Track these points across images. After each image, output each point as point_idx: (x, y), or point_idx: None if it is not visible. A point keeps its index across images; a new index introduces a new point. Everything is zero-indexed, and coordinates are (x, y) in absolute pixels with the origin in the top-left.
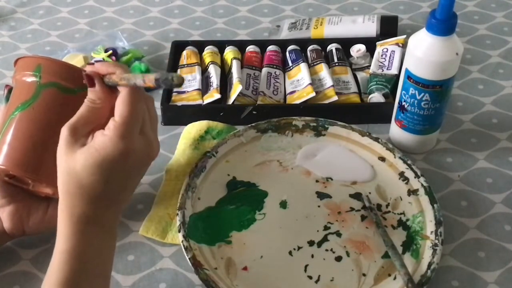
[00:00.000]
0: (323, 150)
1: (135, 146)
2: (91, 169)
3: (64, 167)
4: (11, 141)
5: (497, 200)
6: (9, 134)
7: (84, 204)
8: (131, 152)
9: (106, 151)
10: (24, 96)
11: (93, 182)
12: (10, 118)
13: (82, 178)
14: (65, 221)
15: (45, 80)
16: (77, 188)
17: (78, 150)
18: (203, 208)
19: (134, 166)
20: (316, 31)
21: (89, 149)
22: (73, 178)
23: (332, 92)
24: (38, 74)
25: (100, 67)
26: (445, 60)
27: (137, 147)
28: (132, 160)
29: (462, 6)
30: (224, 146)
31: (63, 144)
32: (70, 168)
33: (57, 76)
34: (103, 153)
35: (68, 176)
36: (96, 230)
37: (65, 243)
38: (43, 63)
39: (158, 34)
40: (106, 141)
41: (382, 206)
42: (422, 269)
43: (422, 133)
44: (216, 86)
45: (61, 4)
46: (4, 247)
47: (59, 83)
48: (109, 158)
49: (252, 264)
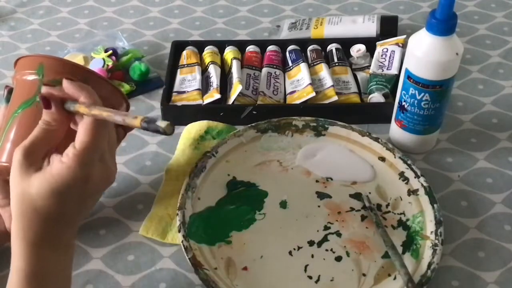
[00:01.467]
0: (323, 150)
1: (94, 173)
2: (46, 194)
3: (18, 190)
4: (14, 139)
5: (497, 200)
6: (12, 132)
7: (38, 227)
8: (90, 179)
9: (63, 178)
10: (26, 95)
11: (48, 206)
12: (13, 116)
13: (36, 202)
14: (19, 243)
15: (48, 78)
16: (31, 211)
17: (33, 175)
18: (203, 208)
19: (91, 191)
20: (316, 31)
21: (45, 174)
22: (27, 201)
23: (332, 92)
24: (40, 73)
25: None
26: (445, 60)
27: (96, 174)
28: (90, 186)
29: (462, 6)
30: (224, 146)
31: (17, 167)
32: (24, 192)
33: (59, 73)
34: (59, 180)
35: (22, 199)
36: (51, 251)
37: (20, 262)
38: (45, 62)
39: (158, 34)
40: (64, 169)
41: (382, 206)
42: (422, 269)
43: (422, 133)
44: (216, 86)
45: (61, 4)
46: (4, 247)
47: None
48: (66, 185)
49: (252, 264)
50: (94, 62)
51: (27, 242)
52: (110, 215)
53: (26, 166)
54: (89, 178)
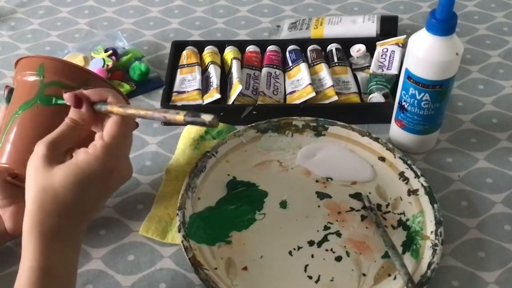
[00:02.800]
0: (323, 150)
1: (118, 166)
2: (70, 184)
3: (39, 182)
4: (15, 140)
5: (497, 200)
6: (13, 133)
7: (57, 220)
8: (113, 172)
9: (90, 167)
10: (27, 96)
11: (70, 197)
12: (14, 117)
13: (59, 193)
14: (34, 238)
15: (48, 79)
16: (52, 204)
17: (56, 167)
18: (203, 208)
19: (112, 184)
20: (316, 31)
21: (70, 165)
22: (49, 194)
23: (332, 92)
24: (41, 74)
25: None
26: (445, 60)
27: (119, 167)
28: (112, 179)
29: (462, 6)
30: (224, 146)
31: (39, 160)
32: (47, 184)
33: (60, 74)
34: (86, 169)
35: (43, 192)
36: (65, 245)
37: (33, 260)
38: (46, 63)
39: (158, 34)
40: (91, 159)
41: (382, 206)
42: (422, 269)
43: (422, 133)
44: (216, 86)
45: (61, 4)
46: (4, 247)
47: (61, 82)
48: (92, 174)
49: (252, 264)
50: (94, 62)
51: (42, 236)
52: (110, 215)
53: (50, 159)
54: (113, 170)
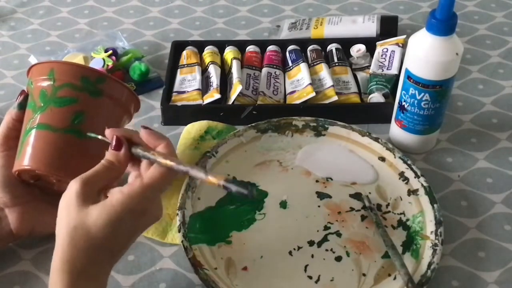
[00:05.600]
0: (323, 150)
1: (152, 207)
2: (103, 224)
3: (72, 220)
4: (34, 143)
5: (497, 200)
6: (32, 136)
7: (86, 258)
8: (146, 213)
9: (123, 206)
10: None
11: (102, 236)
12: (30, 121)
13: (90, 232)
14: (64, 278)
15: (59, 82)
16: (83, 241)
17: (91, 206)
18: (203, 208)
19: (142, 226)
20: (316, 31)
21: (105, 205)
22: (81, 232)
23: (332, 92)
24: (52, 78)
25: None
26: (445, 60)
27: (151, 210)
28: (143, 220)
29: (462, 6)
30: (224, 146)
31: (73, 197)
32: (80, 223)
33: (69, 76)
34: (119, 208)
35: (76, 229)
36: (91, 284)
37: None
38: (55, 67)
39: (158, 34)
40: (126, 198)
41: (382, 206)
42: (422, 269)
43: (422, 133)
44: (216, 86)
45: (61, 4)
46: (8, 247)
47: (71, 83)
48: (126, 213)
49: (252, 264)
50: (94, 62)
51: (71, 276)
52: None
53: (84, 197)
54: (146, 212)
